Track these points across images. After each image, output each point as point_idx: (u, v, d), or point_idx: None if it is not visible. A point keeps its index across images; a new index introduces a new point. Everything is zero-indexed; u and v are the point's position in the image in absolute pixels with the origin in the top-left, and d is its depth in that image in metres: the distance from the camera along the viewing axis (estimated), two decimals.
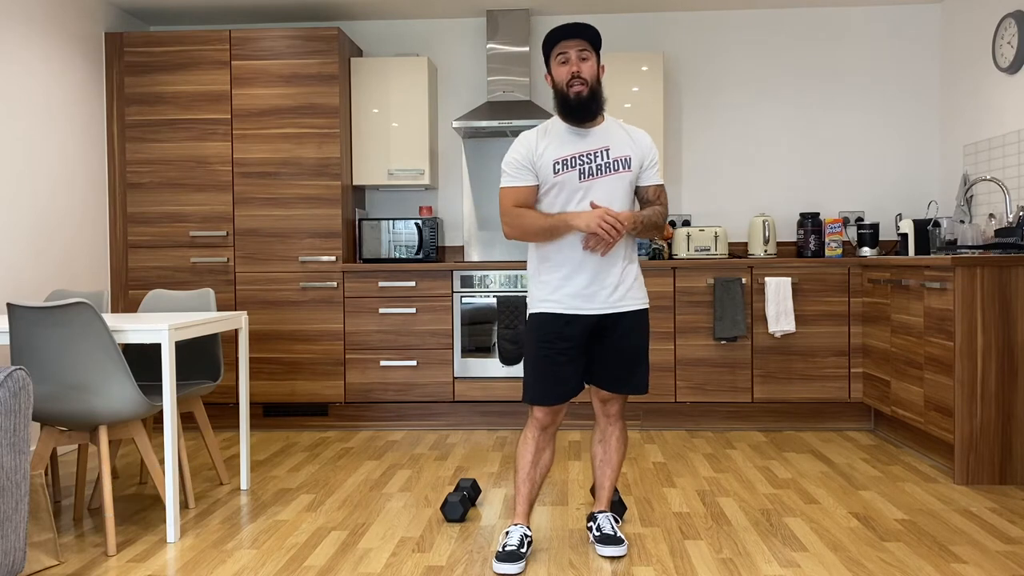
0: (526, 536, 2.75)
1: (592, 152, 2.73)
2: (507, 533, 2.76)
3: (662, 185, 2.86)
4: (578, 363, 2.76)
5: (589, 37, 2.72)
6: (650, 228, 2.77)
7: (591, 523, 2.88)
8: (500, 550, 2.69)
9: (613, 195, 2.73)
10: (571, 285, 2.72)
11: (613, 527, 2.84)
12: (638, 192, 2.84)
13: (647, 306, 2.84)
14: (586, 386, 2.85)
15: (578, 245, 2.70)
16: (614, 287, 2.73)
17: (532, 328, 2.77)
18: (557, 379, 2.73)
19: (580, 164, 2.71)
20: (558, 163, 2.71)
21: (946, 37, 5.08)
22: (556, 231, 2.69)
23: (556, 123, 2.79)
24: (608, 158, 2.74)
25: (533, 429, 2.80)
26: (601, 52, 2.91)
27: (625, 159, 2.76)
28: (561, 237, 2.71)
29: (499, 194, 2.79)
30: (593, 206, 2.66)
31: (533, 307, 2.79)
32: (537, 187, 2.74)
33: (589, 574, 2.62)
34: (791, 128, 5.26)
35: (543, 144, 2.73)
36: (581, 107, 2.71)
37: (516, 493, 2.82)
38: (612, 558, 2.77)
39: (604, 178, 2.72)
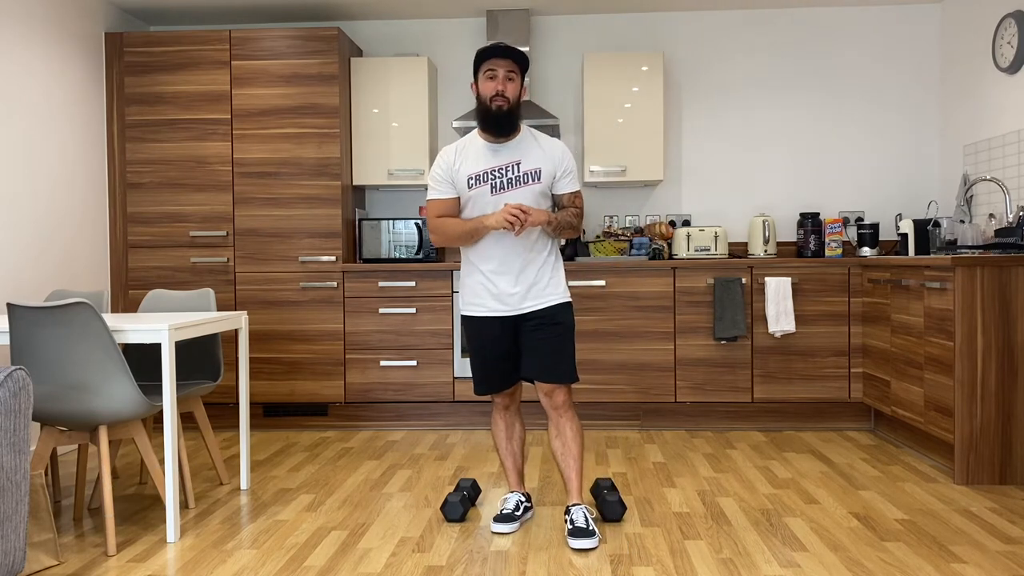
0: (521, 501, 3.10)
1: (503, 167, 2.93)
2: (505, 499, 3.11)
3: (577, 192, 3.03)
4: (512, 356, 3.02)
5: (518, 60, 2.92)
6: (565, 228, 2.98)
7: (567, 515, 2.96)
8: (499, 512, 3.05)
9: (526, 201, 2.93)
10: (489, 288, 2.96)
11: (587, 519, 2.89)
12: (555, 200, 3.03)
13: (566, 299, 3.01)
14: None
15: (494, 250, 2.94)
16: (528, 287, 2.95)
17: (464, 329, 3.08)
18: (496, 372, 3.03)
19: (492, 179, 2.93)
20: (471, 178, 2.94)
21: (946, 37, 5.08)
22: (475, 233, 2.92)
23: (473, 138, 3.01)
24: (519, 171, 2.93)
25: (497, 411, 3.14)
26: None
27: (535, 172, 2.94)
28: (479, 239, 2.94)
29: (427, 206, 3.03)
30: (509, 205, 2.83)
31: (461, 309, 3.07)
32: (458, 199, 2.98)
33: (589, 574, 2.62)
34: (791, 128, 5.26)
35: (459, 160, 2.96)
36: (499, 121, 2.90)
37: (503, 468, 3.19)
38: (583, 551, 2.81)
39: (515, 191, 2.92)
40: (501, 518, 3.02)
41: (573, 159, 3.03)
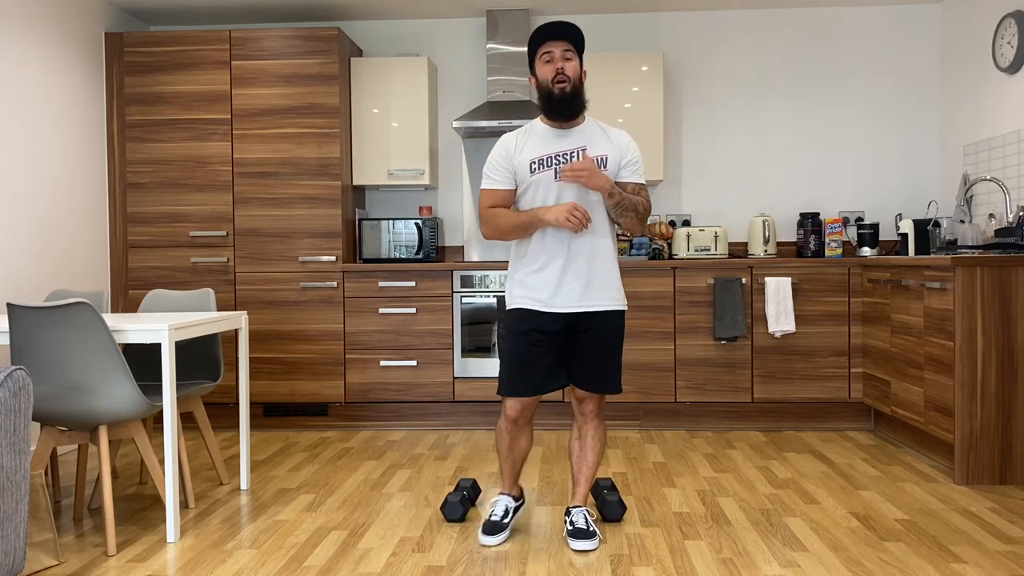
0: (510, 506, 2.97)
1: (568, 152, 2.80)
2: (495, 502, 2.96)
3: (643, 185, 2.90)
4: (552, 357, 2.85)
5: (572, 38, 2.79)
6: (628, 209, 2.81)
7: (567, 516, 2.95)
8: (486, 519, 2.92)
9: (588, 193, 2.80)
10: (545, 282, 2.81)
11: (587, 521, 2.89)
12: None
13: (623, 308, 2.90)
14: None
15: (551, 243, 2.79)
16: (586, 286, 2.81)
17: (509, 322, 2.89)
18: (531, 371, 2.83)
19: (556, 163, 2.79)
20: (534, 163, 2.79)
21: (946, 37, 5.08)
22: (529, 227, 2.78)
23: (537, 124, 2.88)
24: (584, 158, 2.79)
25: (505, 421, 2.94)
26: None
27: (601, 158, 2.81)
28: (533, 232, 2.81)
29: (479, 196, 2.89)
30: (566, 171, 2.69)
31: (511, 302, 2.90)
32: (514, 190, 2.85)
33: (589, 574, 2.62)
34: (791, 128, 5.26)
35: (522, 145, 2.83)
36: (565, 102, 2.77)
37: (501, 470, 3.07)
38: (583, 552, 2.81)
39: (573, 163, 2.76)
40: (489, 528, 2.88)
41: (639, 151, 2.91)
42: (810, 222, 4.99)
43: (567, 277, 2.80)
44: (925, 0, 5.11)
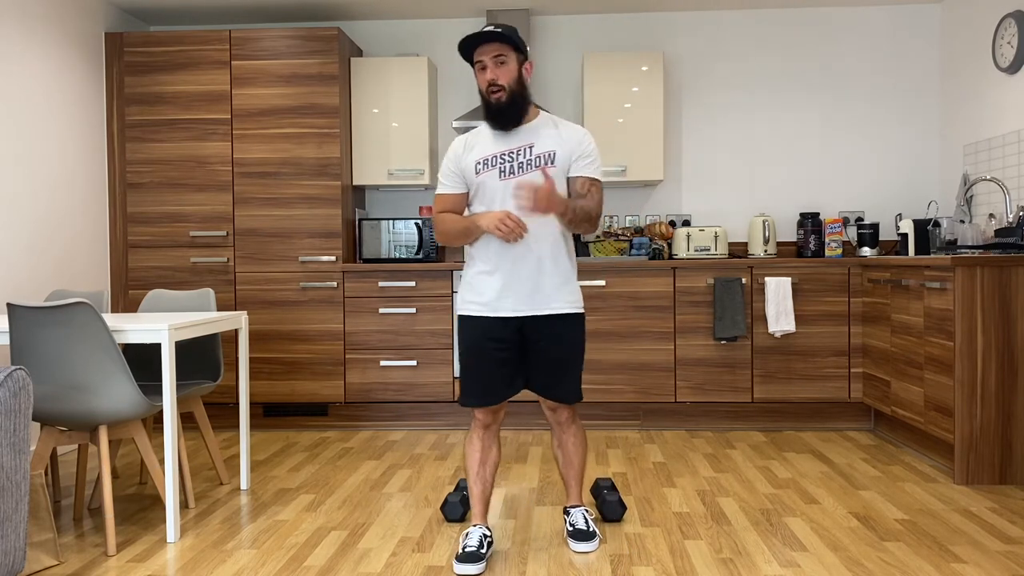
0: (485, 536, 2.75)
1: (514, 150, 2.70)
2: (467, 534, 2.75)
3: (595, 180, 2.75)
4: (510, 364, 2.75)
5: (503, 40, 2.64)
6: (582, 220, 2.68)
7: (566, 516, 2.94)
8: (460, 551, 2.68)
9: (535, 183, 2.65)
10: (493, 286, 2.71)
11: (587, 521, 2.88)
12: (568, 187, 2.76)
13: (580, 310, 2.78)
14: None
15: (498, 246, 2.70)
16: (535, 289, 2.70)
17: (461, 330, 2.79)
18: (490, 381, 2.74)
19: (500, 163, 2.70)
20: (479, 163, 2.71)
21: (946, 37, 5.08)
22: (470, 233, 2.70)
23: (485, 127, 2.78)
24: (530, 155, 2.69)
25: (477, 430, 2.83)
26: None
27: (548, 154, 2.70)
28: (476, 238, 2.72)
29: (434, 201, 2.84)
30: (517, 187, 2.58)
31: (460, 308, 2.80)
32: (466, 194, 2.78)
33: (589, 574, 2.62)
34: (791, 128, 5.26)
35: (470, 147, 2.75)
36: (502, 112, 2.68)
37: (470, 495, 2.85)
38: (583, 553, 2.80)
39: (525, 175, 2.68)
40: (465, 557, 2.64)
41: (595, 146, 2.76)
42: (810, 222, 4.99)
43: (515, 280, 2.70)
44: (925, 0, 5.11)
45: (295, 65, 4.83)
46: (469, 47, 2.67)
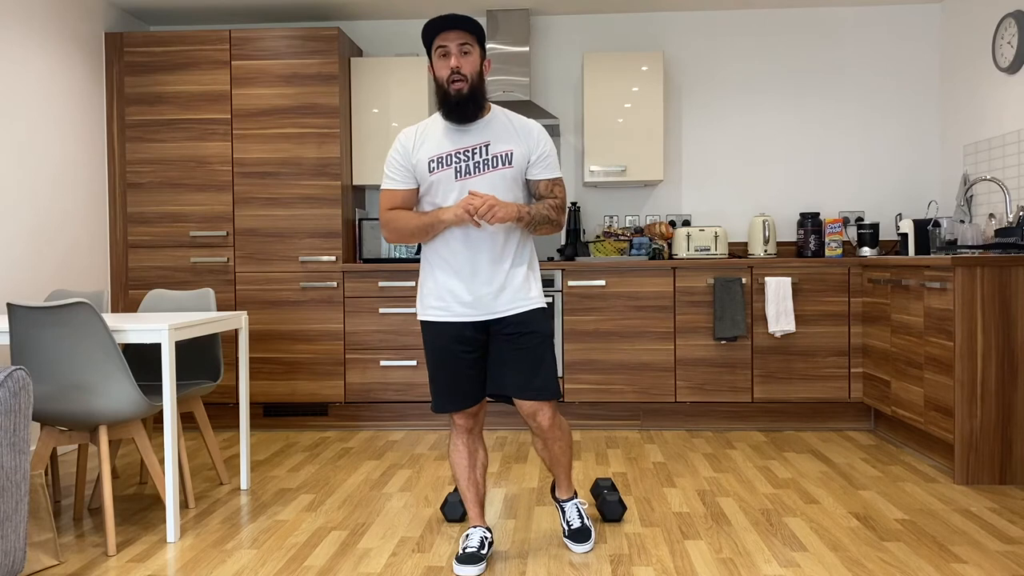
0: (485, 537, 2.74)
1: (470, 149, 2.60)
2: (467, 535, 2.74)
3: (557, 179, 2.68)
4: (479, 365, 2.69)
5: (471, 29, 2.56)
6: (541, 223, 2.63)
7: (561, 513, 2.92)
8: (461, 552, 2.67)
9: (494, 193, 2.58)
10: (454, 289, 2.63)
11: (581, 514, 2.88)
12: (531, 189, 2.70)
13: (542, 304, 2.69)
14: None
15: (458, 247, 2.61)
16: (499, 290, 2.62)
17: (426, 336, 2.72)
18: (458, 385, 2.68)
19: (456, 162, 2.58)
20: (433, 161, 2.59)
21: (946, 37, 5.08)
22: (431, 229, 2.59)
23: (436, 119, 2.67)
24: (487, 154, 2.60)
25: (459, 434, 2.77)
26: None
27: (506, 154, 2.60)
28: (436, 235, 2.62)
29: (379, 197, 2.69)
30: (471, 194, 2.51)
31: (422, 314, 2.71)
32: (416, 189, 2.65)
33: (589, 574, 2.62)
34: (791, 128, 5.26)
35: (420, 142, 2.63)
36: (461, 104, 2.56)
37: (464, 499, 2.81)
38: (584, 553, 2.79)
39: (483, 175, 2.58)
40: (466, 558, 2.62)
41: (551, 142, 2.68)
42: (810, 222, 4.99)
43: (477, 282, 2.61)
44: (925, 0, 5.11)
45: (295, 65, 4.83)
46: (433, 31, 2.57)
